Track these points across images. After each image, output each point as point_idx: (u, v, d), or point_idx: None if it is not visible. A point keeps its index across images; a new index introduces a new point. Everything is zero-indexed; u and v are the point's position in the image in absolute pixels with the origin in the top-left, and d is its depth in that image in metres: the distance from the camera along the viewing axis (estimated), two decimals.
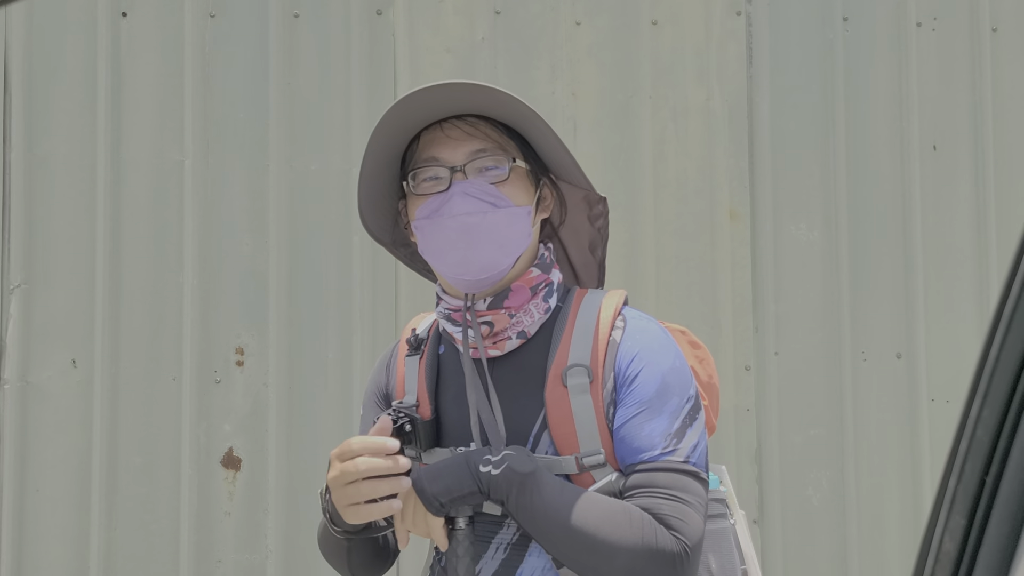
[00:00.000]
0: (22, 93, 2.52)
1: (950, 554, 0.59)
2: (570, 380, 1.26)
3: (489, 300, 1.30)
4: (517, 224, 1.29)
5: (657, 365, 1.27)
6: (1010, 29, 3.02)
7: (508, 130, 1.31)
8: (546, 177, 1.36)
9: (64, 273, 2.51)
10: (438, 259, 1.30)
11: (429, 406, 1.33)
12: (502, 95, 1.27)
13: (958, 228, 2.97)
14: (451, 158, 1.28)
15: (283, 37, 2.65)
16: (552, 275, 1.34)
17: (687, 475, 1.24)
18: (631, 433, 1.24)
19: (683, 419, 1.26)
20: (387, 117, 1.27)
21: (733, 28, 2.87)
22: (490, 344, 1.30)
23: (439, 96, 1.26)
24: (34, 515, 2.46)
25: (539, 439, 1.27)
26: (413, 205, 1.32)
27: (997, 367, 0.56)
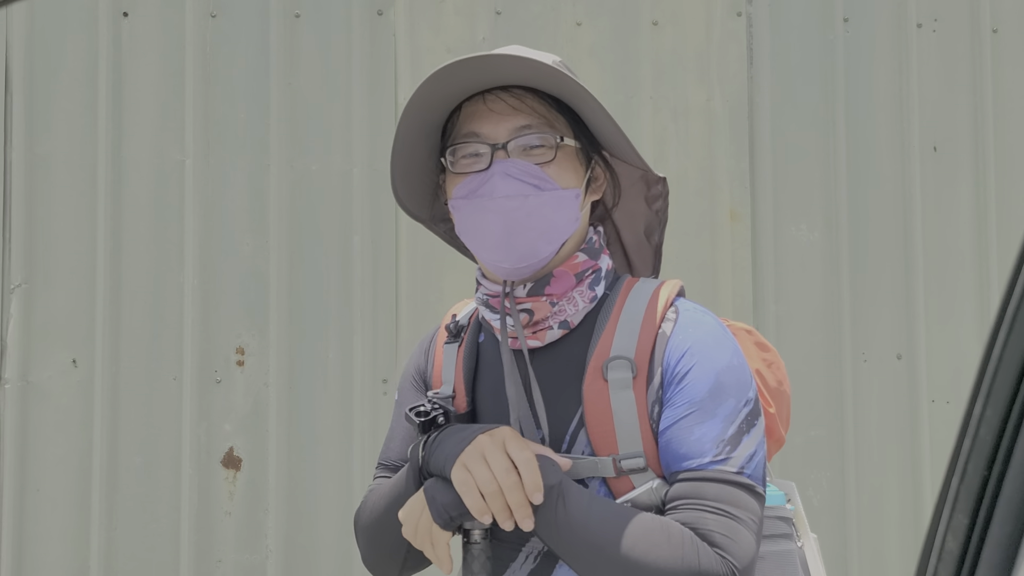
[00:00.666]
0: (23, 92, 2.52)
1: (953, 553, 0.59)
2: (611, 374, 1.14)
3: (529, 286, 1.19)
4: (563, 209, 1.18)
5: (711, 362, 1.14)
6: (1011, 30, 3.02)
7: (558, 104, 1.20)
8: (598, 156, 1.24)
9: (65, 272, 2.51)
10: (475, 243, 1.20)
11: (465, 398, 1.23)
12: (549, 69, 1.15)
13: (959, 229, 2.97)
14: (493, 134, 1.17)
15: (284, 37, 2.65)
16: (600, 261, 1.23)
17: (740, 488, 1.11)
18: (678, 437, 1.12)
19: (739, 424, 1.13)
20: (425, 86, 1.15)
21: (734, 29, 2.87)
22: (529, 333, 1.19)
23: (482, 65, 1.15)
24: (34, 515, 2.46)
25: (576, 438, 1.16)
26: (451, 182, 1.21)
27: (1000, 367, 0.56)
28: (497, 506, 1.08)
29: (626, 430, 1.14)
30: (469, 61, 1.13)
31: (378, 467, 1.33)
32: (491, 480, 1.07)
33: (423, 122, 1.21)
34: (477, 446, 1.10)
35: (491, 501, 1.08)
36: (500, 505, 1.08)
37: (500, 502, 1.08)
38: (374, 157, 2.66)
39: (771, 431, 1.30)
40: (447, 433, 1.15)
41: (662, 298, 1.19)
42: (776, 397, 1.32)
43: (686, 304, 1.21)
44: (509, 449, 1.09)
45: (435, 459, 1.13)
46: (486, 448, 1.09)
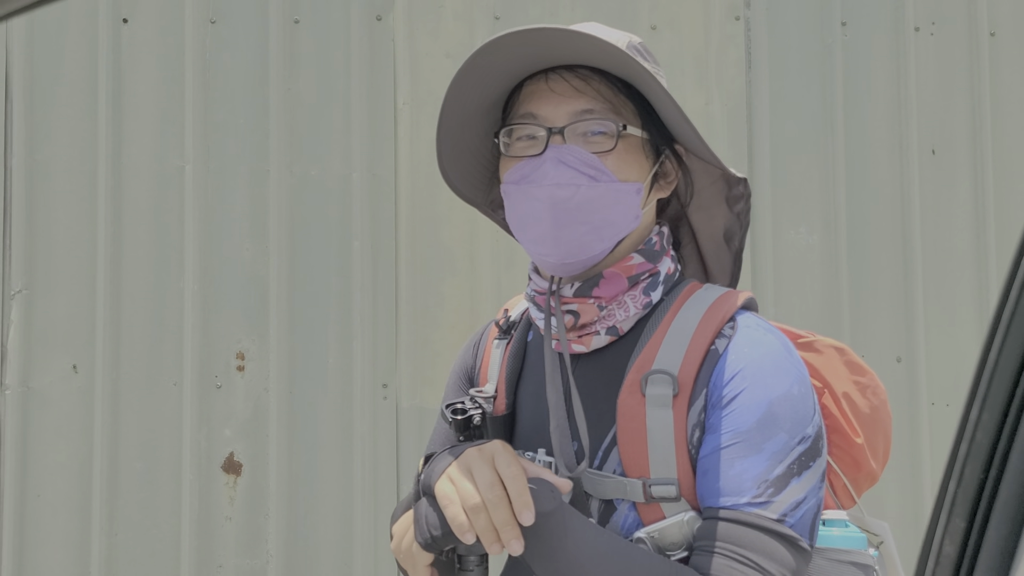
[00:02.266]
0: (23, 99, 2.53)
1: (950, 556, 0.60)
2: (650, 389, 1.03)
3: (577, 286, 1.09)
4: (620, 203, 1.07)
5: (765, 388, 1.01)
6: (1008, 33, 3.03)
7: (629, 90, 1.09)
8: (670, 149, 1.13)
9: (65, 278, 2.52)
10: (522, 233, 1.10)
11: (505, 400, 1.15)
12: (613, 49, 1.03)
13: (957, 232, 2.98)
14: (551, 116, 1.07)
15: (283, 43, 2.65)
16: (660, 264, 1.11)
17: (777, 538, 0.97)
18: (716, 469, 1.00)
19: (788, 464, 0.99)
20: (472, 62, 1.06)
21: (732, 33, 2.88)
22: (575, 337, 1.09)
23: (544, 42, 1.04)
24: (35, 520, 2.47)
25: (608, 455, 1.06)
26: (504, 166, 1.12)
27: (996, 370, 0.56)
28: (481, 524, 0.96)
29: (660, 453, 1.02)
30: (525, 34, 1.03)
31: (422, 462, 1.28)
32: (474, 494, 0.96)
33: (480, 100, 1.11)
34: (464, 460, 1.00)
35: (474, 517, 0.96)
36: (484, 523, 0.96)
37: (484, 519, 0.96)
38: (373, 162, 2.66)
39: (859, 464, 1.19)
40: (447, 450, 1.06)
41: (720, 309, 1.06)
42: (868, 425, 1.18)
43: (749, 320, 1.07)
44: (497, 464, 0.98)
45: (427, 475, 1.04)
46: (472, 462, 0.99)
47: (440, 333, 2.66)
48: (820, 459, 1.02)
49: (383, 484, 2.61)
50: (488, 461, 0.99)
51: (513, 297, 1.29)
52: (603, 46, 1.03)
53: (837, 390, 1.19)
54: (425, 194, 2.65)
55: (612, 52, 1.04)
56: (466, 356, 1.26)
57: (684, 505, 1.02)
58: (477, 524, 0.96)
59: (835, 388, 1.19)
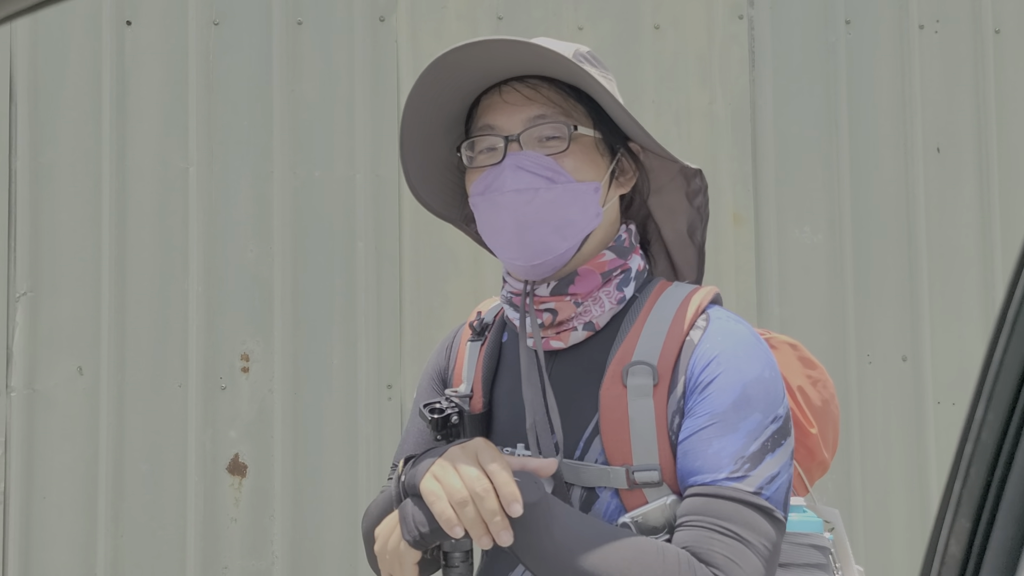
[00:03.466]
0: (27, 102, 2.53)
1: (956, 557, 0.60)
2: (631, 379, 1.07)
3: (553, 285, 1.14)
4: (579, 202, 1.11)
5: (738, 372, 1.06)
6: (1012, 31, 3.02)
7: (579, 94, 1.14)
8: (625, 147, 1.18)
9: (70, 281, 2.52)
10: (492, 241, 1.15)
11: (482, 399, 1.18)
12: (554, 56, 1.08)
13: (963, 230, 2.97)
14: (507, 126, 1.12)
15: (287, 44, 2.65)
16: (631, 261, 1.16)
17: (754, 509, 1.02)
18: (695, 449, 1.04)
19: (763, 442, 1.04)
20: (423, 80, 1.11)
21: (735, 32, 2.87)
22: (552, 335, 1.13)
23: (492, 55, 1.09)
24: (41, 522, 2.47)
25: (590, 445, 1.10)
26: (470, 179, 1.16)
27: (1001, 371, 0.56)
28: (469, 517, 0.99)
29: (642, 440, 1.06)
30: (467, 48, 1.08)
31: (392, 467, 1.28)
32: (460, 488, 0.99)
33: (441, 116, 1.16)
34: (448, 456, 1.03)
35: (461, 511, 0.99)
36: (472, 515, 0.99)
37: (472, 512, 0.99)
38: (377, 163, 2.66)
39: (813, 453, 1.24)
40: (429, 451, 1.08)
41: (693, 304, 1.12)
42: (821, 417, 1.23)
43: (719, 312, 1.13)
44: (481, 459, 1.01)
45: (410, 476, 1.06)
46: (457, 458, 1.02)
47: (444, 333, 2.65)
48: (790, 438, 1.07)
49: None
50: (472, 456, 1.02)
51: (486, 300, 1.32)
52: (546, 54, 1.08)
53: (792, 384, 1.24)
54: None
55: (555, 59, 1.09)
56: (439, 358, 1.29)
57: (666, 490, 1.06)
58: (465, 517, 0.99)
59: (790, 382, 1.24)
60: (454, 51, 1.09)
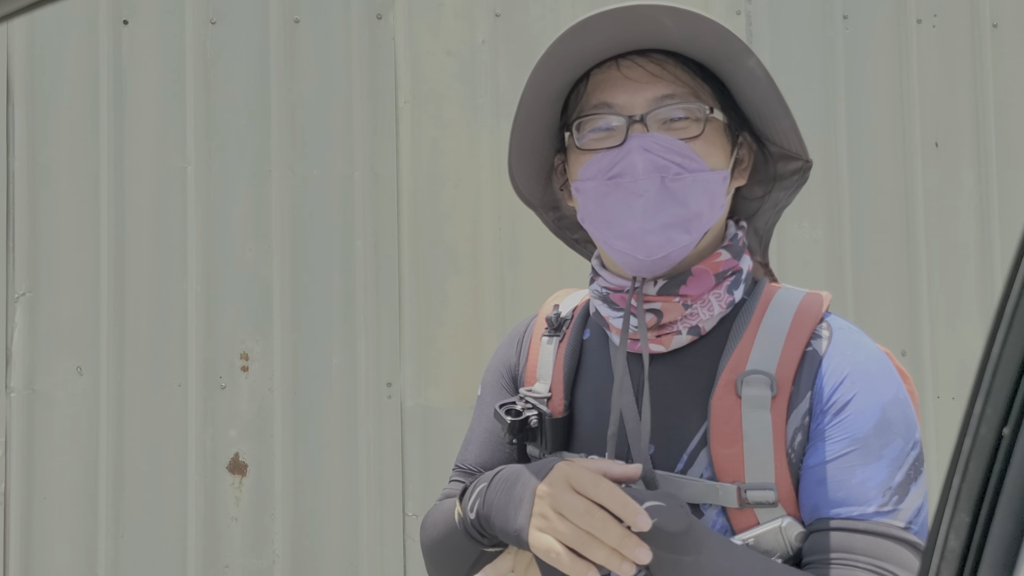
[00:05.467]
0: (25, 102, 2.53)
1: (955, 551, 0.60)
2: (746, 390, 0.98)
3: (662, 283, 1.03)
4: (709, 193, 1.01)
5: (876, 393, 0.97)
6: (1010, 25, 3.02)
7: (704, 72, 1.03)
8: (745, 134, 1.08)
9: (69, 281, 2.52)
10: (603, 231, 1.03)
11: (563, 401, 1.09)
12: (707, 23, 0.97)
13: (961, 225, 2.97)
14: (629, 104, 1.01)
15: (284, 43, 2.65)
16: (743, 262, 1.07)
17: (906, 546, 0.94)
18: (835, 478, 0.95)
19: (907, 471, 0.96)
20: (551, 52, 0.99)
21: (733, 28, 2.87)
22: (652, 337, 1.04)
23: (617, 24, 0.97)
24: (41, 523, 2.47)
25: (695, 458, 1.01)
26: (576, 161, 1.04)
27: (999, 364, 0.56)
28: (601, 555, 0.90)
29: (757, 456, 0.97)
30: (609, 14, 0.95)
31: (454, 470, 1.20)
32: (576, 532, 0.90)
33: (546, 89, 1.04)
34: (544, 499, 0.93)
35: (590, 552, 0.90)
36: (604, 553, 0.90)
37: (599, 549, 0.90)
38: (375, 161, 2.66)
39: None
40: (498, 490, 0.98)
41: (811, 310, 1.02)
42: None
43: (839, 321, 1.04)
44: (578, 487, 0.92)
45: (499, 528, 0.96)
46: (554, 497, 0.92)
47: (444, 331, 2.66)
48: (925, 464, 1.00)
49: (388, 483, 2.61)
50: (567, 488, 0.93)
51: (559, 291, 1.22)
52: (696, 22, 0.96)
53: None
54: (427, 192, 2.65)
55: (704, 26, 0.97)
56: (508, 353, 1.19)
57: (780, 511, 0.98)
58: (596, 557, 0.91)
59: None
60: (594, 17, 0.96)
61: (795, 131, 1.06)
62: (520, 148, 1.09)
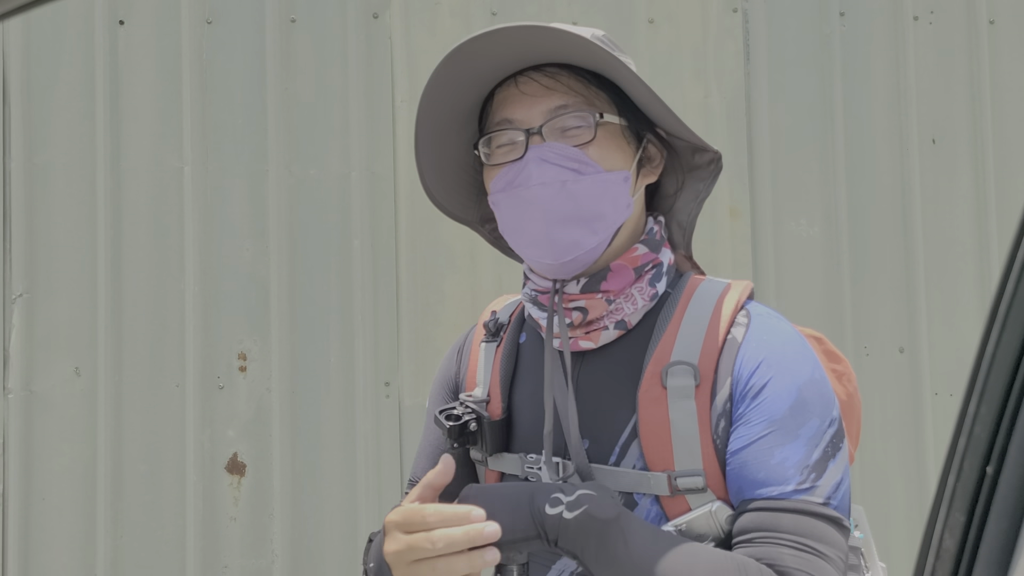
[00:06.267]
0: (21, 103, 2.53)
1: (950, 550, 0.60)
2: (671, 380, 1.02)
3: (584, 282, 1.08)
4: (609, 193, 1.06)
5: (792, 375, 1.01)
6: (1007, 21, 3.02)
7: (599, 79, 1.09)
8: (651, 133, 1.12)
9: (66, 282, 2.52)
10: (516, 240, 1.09)
11: (501, 403, 1.12)
12: (578, 40, 1.02)
13: (959, 221, 2.97)
14: (527, 118, 1.07)
15: (280, 42, 2.65)
16: (662, 255, 1.11)
17: (826, 521, 0.98)
18: (755, 459, 0.99)
19: (824, 448, 1.00)
20: (439, 74, 1.05)
21: (730, 25, 2.87)
22: (581, 334, 1.08)
23: (508, 43, 1.03)
24: (40, 524, 2.47)
25: (627, 449, 1.04)
26: (488, 177, 1.11)
27: (994, 364, 0.56)
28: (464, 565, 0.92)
29: (685, 444, 1.01)
30: (493, 34, 1.02)
31: (408, 483, 1.24)
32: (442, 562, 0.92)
33: (454, 113, 1.11)
34: (398, 563, 0.95)
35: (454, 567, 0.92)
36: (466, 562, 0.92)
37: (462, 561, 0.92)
38: (372, 160, 2.66)
39: None
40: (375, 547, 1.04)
41: (731, 299, 1.06)
42: (846, 411, 1.18)
43: (759, 308, 1.08)
44: (410, 527, 0.94)
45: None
46: (400, 554, 0.94)
47: (442, 330, 2.66)
48: (845, 440, 1.04)
49: (387, 482, 2.61)
50: (400, 538, 0.95)
51: (498, 298, 1.27)
52: (570, 39, 1.03)
53: None
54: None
55: (579, 44, 1.03)
56: (449, 364, 1.23)
57: (710, 496, 1.02)
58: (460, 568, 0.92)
59: None
60: (472, 40, 1.03)
61: (683, 126, 1.10)
62: (437, 167, 1.15)
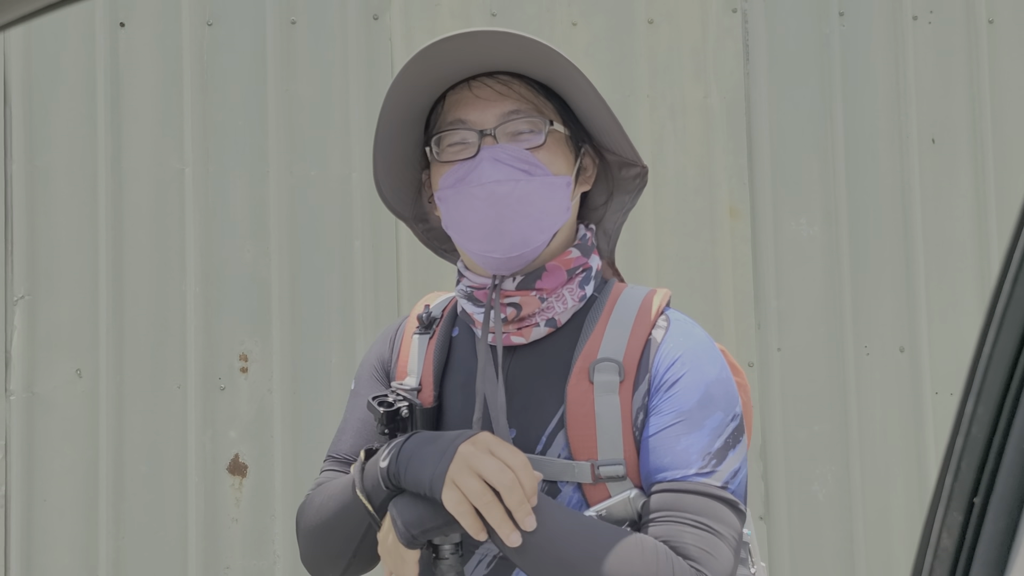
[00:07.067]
0: (22, 105, 2.53)
1: (948, 550, 0.60)
2: (597, 376, 1.10)
3: (519, 279, 1.15)
4: (555, 196, 1.13)
5: (701, 373, 1.11)
6: (1006, 21, 3.02)
7: (545, 90, 1.16)
8: (588, 145, 1.20)
9: (67, 283, 2.52)
10: (463, 234, 1.14)
11: (432, 392, 1.18)
12: (538, 46, 1.09)
13: (958, 220, 2.97)
14: (480, 120, 1.13)
15: (281, 44, 2.65)
16: (592, 260, 1.19)
17: (722, 503, 1.06)
18: (663, 446, 1.08)
19: (725, 439, 1.09)
20: (405, 72, 1.10)
21: (729, 25, 2.88)
22: (514, 330, 1.15)
23: (466, 49, 1.10)
24: (42, 525, 2.47)
25: (553, 439, 1.11)
26: (437, 173, 1.16)
27: (991, 365, 0.57)
28: (496, 517, 1.00)
29: (608, 435, 1.09)
30: (455, 39, 1.08)
31: (327, 459, 1.28)
32: (484, 491, 1.00)
33: (407, 112, 1.17)
34: (462, 459, 1.02)
35: (489, 513, 1.00)
36: (499, 516, 1.00)
37: (498, 512, 1.00)
38: None
39: None
40: (417, 444, 1.07)
41: (654, 304, 1.16)
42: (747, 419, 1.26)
43: (676, 314, 1.18)
44: (499, 453, 1.02)
45: (411, 475, 1.05)
46: (472, 458, 1.02)
47: None
48: (745, 436, 1.13)
49: None
50: (487, 452, 1.03)
51: (430, 293, 1.32)
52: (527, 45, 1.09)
53: None
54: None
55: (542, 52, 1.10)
56: (382, 348, 1.27)
57: (629, 484, 1.09)
58: (493, 519, 1.00)
59: None
60: (440, 42, 1.09)
61: (626, 140, 1.18)
62: (387, 164, 1.20)
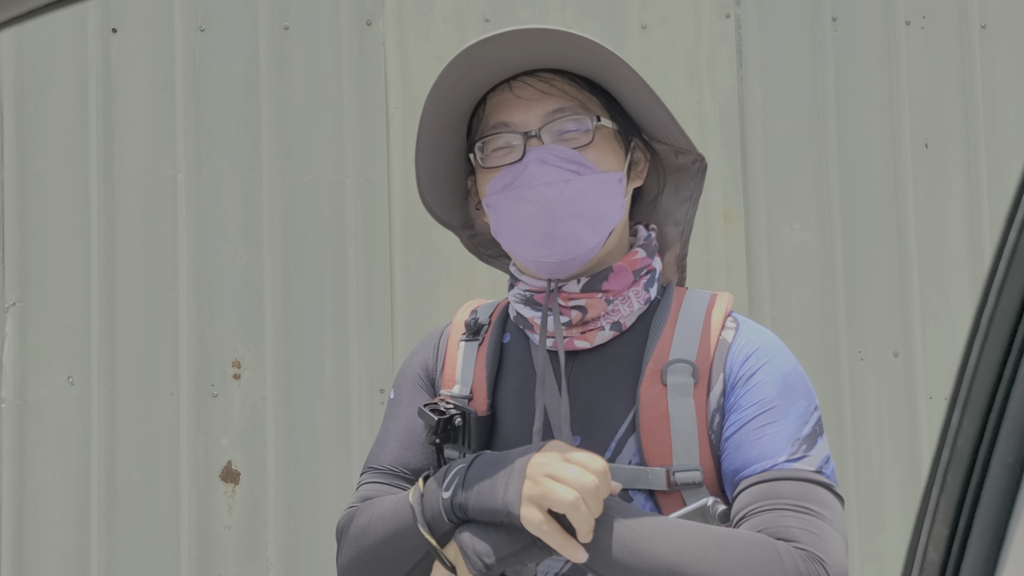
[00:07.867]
0: (14, 111, 2.52)
1: (934, 563, 0.60)
2: (671, 378, 1.05)
3: (584, 281, 1.11)
4: (607, 194, 1.09)
5: (778, 365, 1.07)
6: (999, 26, 3.03)
7: (590, 84, 1.13)
8: (638, 138, 1.17)
9: (59, 290, 2.52)
10: (514, 240, 1.10)
11: (486, 400, 1.12)
12: (580, 40, 1.07)
13: (952, 225, 2.97)
14: (524, 122, 1.10)
15: (273, 49, 2.65)
16: (655, 262, 1.15)
17: (820, 486, 1.00)
18: (747, 440, 1.02)
19: (812, 426, 1.04)
20: (443, 78, 1.08)
21: (722, 31, 2.88)
22: (577, 334, 1.10)
23: (504, 49, 1.07)
24: (34, 533, 2.47)
25: (623, 445, 1.06)
26: (483, 179, 1.13)
27: (976, 376, 0.57)
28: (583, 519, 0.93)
29: (683, 440, 1.04)
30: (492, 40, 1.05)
31: (368, 471, 1.23)
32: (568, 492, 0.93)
33: (447, 119, 1.13)
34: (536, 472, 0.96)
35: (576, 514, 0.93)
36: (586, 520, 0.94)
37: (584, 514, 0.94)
38: (366, 167, 2.66)
39: None
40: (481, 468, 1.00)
41: (720, 307, 1.12)
42: None
43: (743, 317, 1.14)
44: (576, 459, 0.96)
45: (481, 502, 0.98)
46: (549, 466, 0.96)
47: None
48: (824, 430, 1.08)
49: None
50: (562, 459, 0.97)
51: (469, 301, 1.27)
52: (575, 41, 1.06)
53: None
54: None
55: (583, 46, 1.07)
56: (426, 356, 1.22)
57: (705, 492, 1.04)
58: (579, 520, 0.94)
59: None
60: (476, 45, 1.06)
61: (678, 128, 1.15)
62: (431, 173, 1.17)
